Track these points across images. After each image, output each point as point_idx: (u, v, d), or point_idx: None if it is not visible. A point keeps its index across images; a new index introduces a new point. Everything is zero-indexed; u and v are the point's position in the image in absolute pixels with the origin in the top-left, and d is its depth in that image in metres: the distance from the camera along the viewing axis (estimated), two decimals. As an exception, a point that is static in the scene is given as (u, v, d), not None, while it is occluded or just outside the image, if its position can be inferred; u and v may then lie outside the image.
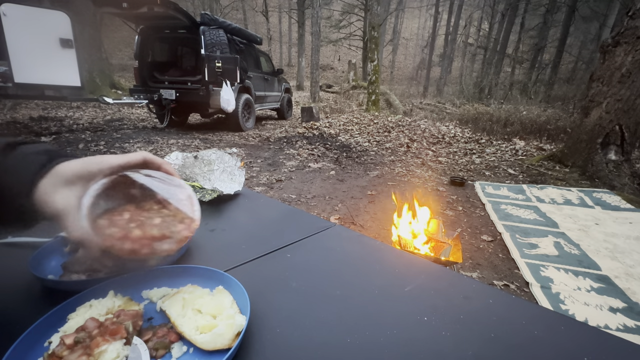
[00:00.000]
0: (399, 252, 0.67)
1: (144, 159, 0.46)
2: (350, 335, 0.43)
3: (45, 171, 0.38)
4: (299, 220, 0.82)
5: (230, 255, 0.64)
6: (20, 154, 0.39)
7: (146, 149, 4.31)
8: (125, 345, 0.37)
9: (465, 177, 3.76)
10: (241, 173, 1.02)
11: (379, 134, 6.22)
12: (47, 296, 0.49)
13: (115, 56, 17.12)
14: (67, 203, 0.37)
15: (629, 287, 1.77)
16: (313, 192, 3.16)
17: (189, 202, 0.47)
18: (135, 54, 5.79)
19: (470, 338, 0.43)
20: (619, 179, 3.65)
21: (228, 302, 0.44)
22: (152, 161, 0.47)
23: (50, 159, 0.39)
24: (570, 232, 2.44)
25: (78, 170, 0.39)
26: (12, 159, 0.38)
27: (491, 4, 16.60)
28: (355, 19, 20.40)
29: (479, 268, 1.98)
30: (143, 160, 0.46)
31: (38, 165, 0.38)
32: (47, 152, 0.40)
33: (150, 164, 0.47)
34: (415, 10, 31.67)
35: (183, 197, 0.48)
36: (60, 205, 0.37)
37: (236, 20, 24.04)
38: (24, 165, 0.38)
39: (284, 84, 8.49)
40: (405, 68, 28.26)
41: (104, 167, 0.41)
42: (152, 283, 0.50)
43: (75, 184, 0.39)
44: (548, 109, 8.23)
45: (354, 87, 13.70)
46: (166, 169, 0.48)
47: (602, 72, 3.91)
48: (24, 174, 0.37)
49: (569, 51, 16.26)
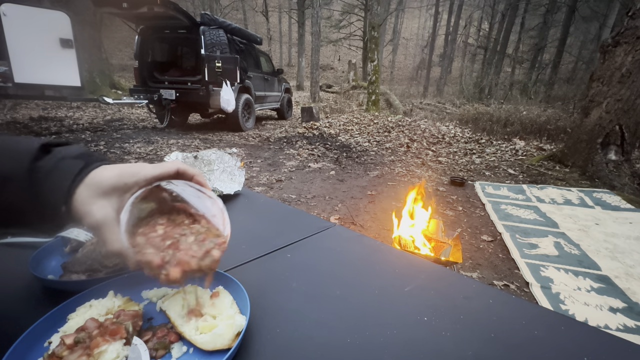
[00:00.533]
0: (399, 252, 0.67)
1: (177, 170, 0.45)
2: (350, 335, 0.43)
3: (81, 178, 0.37)
4: (299, 220, 0.82)
5: (230, 255, 0.63)
6: (55, 157, 0.38)
7: (146, 149, 4.31)
8: (125, 345, 0.37)
9: (465, 177, 3.76)
10: (241, 173, 1.02)
11: (379, 134, 6.22)
12: (47, 296, 0.49)
13: (115, 56, 17.12)
14: (105, 215, 0.37)
15: (629, 287, 1.77)
16: (313, 192, 3.16)
17: (221, 216, 0.46)
18: (135, 54, 5.79)
19: (470, 338, 0.43)
20: (619, 179, 3.65)
21: (228, 302, 0.44)
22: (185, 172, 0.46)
23: (86, 164, 0.38)
24: (571, 232, 2.44)
25: (114, 181, 0.38)
26: (47, 162, 0.37)
27: (491, 4, 16.60)
28: (355, 19, 20.40)
29: (479, 268, 1.98)
30: (177, 171, 0.45)
31: (74, 172, 0.37)
32: (82, 156, 0.39)
33: (183, 175, 0.46)
34: (415, 10, 31.67)
35: (216, 211, 0.47)
36: (98, 217, 0.36)
37: (236, 20, 24.04)
38: (61, 171, 0.37)
39: (284, 84, 8.49)
40: (405, 68, 28.26)
41: (140, 178, 0.40)
42: (152, 283, 0.50)
43: (111, 195, 0.38)
44: (548, 109, 8.23)
45: (354, 87, 13.70)
46: (199, 180, 0.47)
47: (602, 72, 3.91)
48: (61, 181, 0.36)
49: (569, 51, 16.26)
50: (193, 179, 0.47)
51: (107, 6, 4.95)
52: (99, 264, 0.53)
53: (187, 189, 0.46)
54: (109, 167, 0.40)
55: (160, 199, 0.45)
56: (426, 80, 18.81)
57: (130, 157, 3.94)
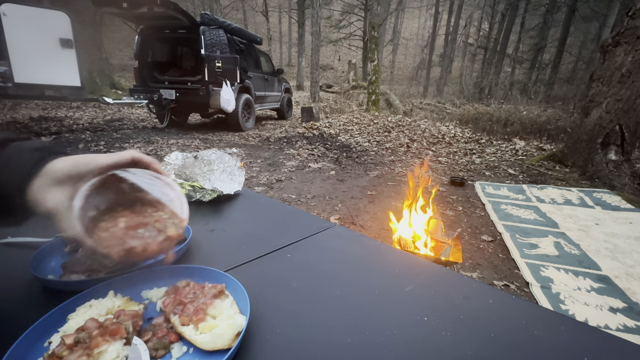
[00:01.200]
0: (399, 252, 0.67)
1: (132, 158, 0.46)
2: (350, 335, 0.43)
3: (37, 169, 0.38)
4: (299, 220, 0.82)
5: (230, 255, 0.64)
6: (13, 151, 0.40)
7: (146, 149, 4.31)
8: (125, 345, 0.37)
9: (465, 177, 3.76)
10: (241, 173, 1.02)
11: (379, 134, 6.22)
12: (47, 296, 0.49)
13: (115, 56, 17.11)
14: (58, 203, 0.38)
15: (629, 287, 1.77)
16: (313, 192, 3.16)
17: (179, 201, 0.48)
18: (135, 54, 5.79)
19: (470, 338, 0.43)
20: (619, 179, 3.65)
21: (228, 302, 0.44)
22: (141, 160, 0.47)
23: (42, 156, 0.40)
24: (571, 232, 2.44)
25: (68, 170, 0.40)
26: (6, 155, 0.39)
27: (491, 4, 16.58)
28: (355, 19, 20.40)
29: (479, 268, 1.98)
30: (132, 159, 0.46)
31: (31, 163, 0.39)
32: (40, 150, 0.41)
33: (139, 163, 0.47)
34: (415, 10, 31.66)
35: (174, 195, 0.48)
36: (51, 204, 0.38)
37: (236, 20, 24.03)
38: (18, 162, 0.39)
39: (284, 84, 8.49)
40: (405, 68, 28.25)
41: (93, 167, 0.42)
42: (152, 283, 0.50)
43: (65, 183, 0.39)
44: (548, 109, 8.23)
45: (354, 87, 13.69)
46: (155, 168, 0.48)
47: (602, 72, 3.91)
48: (18, 172, 0.38)
49: (569, 51, 16.25)
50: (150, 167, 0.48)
51: (107, 6, 4.95)
52: (99, 264, 0.53)
53: (144, 177, 0.47)
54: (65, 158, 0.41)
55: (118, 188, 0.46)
56: (426, 80, 18.80)
57: (130, 157, 3.94)
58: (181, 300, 0.43)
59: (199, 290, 0.45)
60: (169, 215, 0.46)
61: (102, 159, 0.43)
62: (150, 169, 0.48)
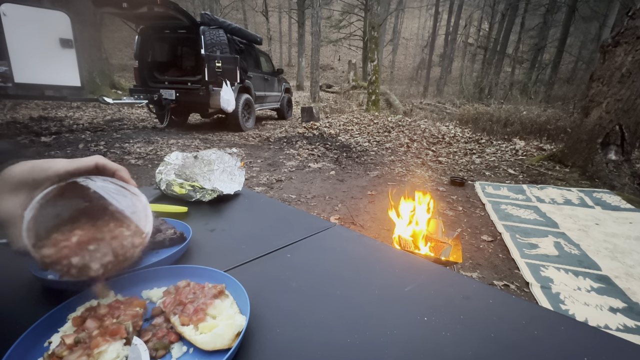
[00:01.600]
0: (399, 252, 0.67)
1: (96, 164, 0.42)
2: (350, 335, 0.43)
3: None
4: (299, 220, 0.82)
5: (230, 255, 0.64)
6: None
7: (146, 149, 4.31)
8: (125, 345, 0.37)
9: (465, 177, 3.76)
10: (241, 173, 1.02)
11: (379, 134, 6.22)
12: (47, 296, 0.49)
13: (115, 56, 17.11)
14: (10, 212, 0.35)
15: (629, 287, 1.77)
16: (313, 192, 3.16)
17: (144, 212, 0.44)
18: (135, 54, 5.79)
19: (470, 338, 0.43)
20: (619, 179, 3.65)
21: (228, 302, 0.44)
22: (106, 166, 0.43)
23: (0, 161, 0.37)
24: (571, 232, 2.44)
25: (23, 176, 0.37)
26: None
27: (491, 4, 16.58)
28: (355, 19, 20.40)
29: (479, 268, 1.98)
30: (95, 166, 0.42)
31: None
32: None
33: (104, 170, 0.43)
34: (415, 10, 31.67)
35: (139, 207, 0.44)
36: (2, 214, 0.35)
37: (236, 20, 24.03)
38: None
39: (284, 84, 8.49)
40: (405, 68, 28.25)
41: (51, 174, 0.38)
42: (152, 283, 0.50)
43: (20, 191, 0.36)
44: (548, 109, 8.22)
45: (354, 87, 13.69)
46: (121, 175, 0.44)
47: (602, 72, 3.91)
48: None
49: (569, 51, 16.25)
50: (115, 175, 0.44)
51: (107, 6, 4.95)
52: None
53: (108, 185, 0.43)
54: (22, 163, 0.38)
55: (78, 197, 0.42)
56: (426, 80, 18.80)
57: (130, 157, 3.94)
58: (181, 300, 0.43)
59: (199, 290, 0.45)
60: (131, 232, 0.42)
61: (61, 164, 0.39)
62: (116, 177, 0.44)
